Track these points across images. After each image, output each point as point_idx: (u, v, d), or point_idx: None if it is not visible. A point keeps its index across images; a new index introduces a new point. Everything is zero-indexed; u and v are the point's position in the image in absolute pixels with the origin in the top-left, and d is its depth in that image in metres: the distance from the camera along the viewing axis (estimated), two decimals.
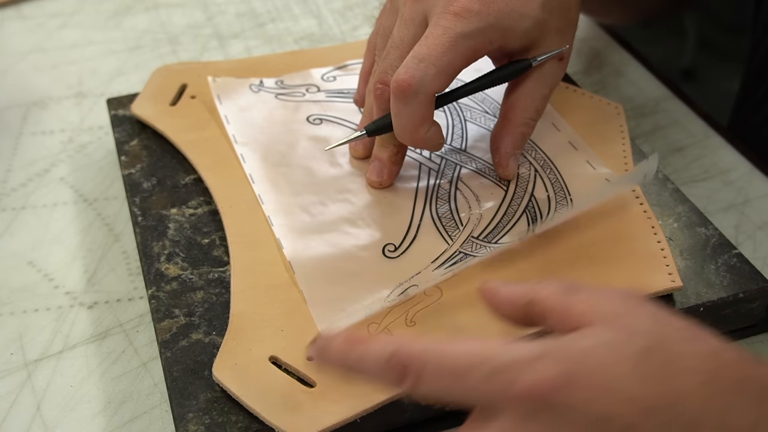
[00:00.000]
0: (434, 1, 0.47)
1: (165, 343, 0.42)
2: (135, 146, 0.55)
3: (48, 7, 0.77)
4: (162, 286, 0.45)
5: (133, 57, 0.70)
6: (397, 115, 0.46)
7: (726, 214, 0.54)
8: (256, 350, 0.41)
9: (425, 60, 0.45)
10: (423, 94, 0.45)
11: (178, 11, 0.76)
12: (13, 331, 0.47)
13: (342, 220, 0.48)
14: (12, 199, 0.56)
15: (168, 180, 0.52)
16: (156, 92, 0.58)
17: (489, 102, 0.58)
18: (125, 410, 0.43)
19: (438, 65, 0.45)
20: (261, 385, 0.40)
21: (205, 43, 0.72)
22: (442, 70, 0.45)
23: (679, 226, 0.49)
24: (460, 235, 0.47)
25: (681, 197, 0.51)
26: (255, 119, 0.56)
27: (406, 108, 0.46)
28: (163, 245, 0.48)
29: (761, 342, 0.47)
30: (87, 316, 0.48)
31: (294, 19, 0.75)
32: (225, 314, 0.44)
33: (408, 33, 0.48)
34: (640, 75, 0.67)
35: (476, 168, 0.52)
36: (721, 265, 0.46)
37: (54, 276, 0.51)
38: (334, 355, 0.34)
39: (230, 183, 0.51)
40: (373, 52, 0.53)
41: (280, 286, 0.45)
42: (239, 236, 0.48)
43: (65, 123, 0.63)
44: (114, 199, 0.56)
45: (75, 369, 0.45)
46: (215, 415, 0.39)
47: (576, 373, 0.29)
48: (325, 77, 0.60)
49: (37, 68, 0.69)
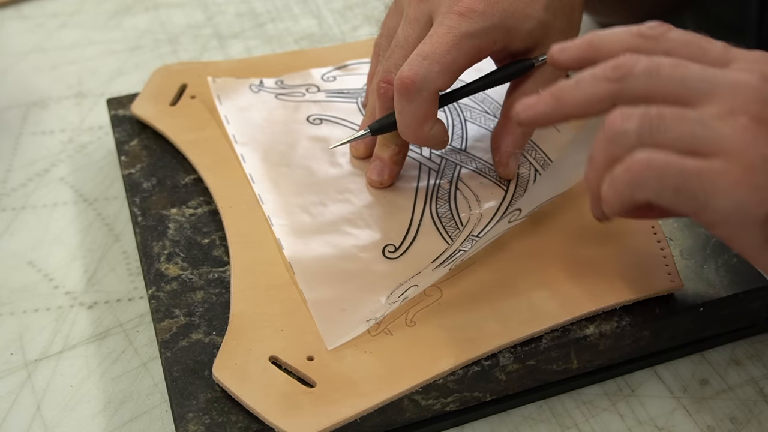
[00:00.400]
0: (439, 2, 0.47)
1: (165, 343, 0.42)
2: (135, 146, 0.55)
3: (48, 7, 0.77)
4: (162, 286, 0.45)
5: (133, 57, 0.70)
6: (401, 112, 0.46)
7: None
8: (256, 350, 0.41)
9: (429, 57, 0.45)
10: (426, 91, 0.45)
11: (178, 11, 0.76)
12: (13, 331, 0.47)
13: (342, 220, 0.48)
14: (12, 199, 0.56)
15: (168, 180, 0.52)
16: (156, 92, 0.58)
17: (489, 102, 0.58)
18: (125, 410, 0.43)
19: (442, 63, 0.45)
20: (261, 385, 0.40)
21: (205, 43, 0.72)
22: (446, 67, 0.45)
23: (679, 226, 0.49)
24: (460, 235, 0.47)
25: None
26: (255, 119, 0.56)
27: (409, 105, 0.46)
28: (163, 245, 0.48)
29: (761, 342, 0.47)
30: (87, 316, 0.48)
31: (294, 19, 0.75)
32: (225, 314, 0.44)
33: (412, 33, 0.48)
34: None
35: (476, 168, 0.52)
36: (721, 265, 0.46)
37: (54, 276, 0.51)
38: (543, 100, 0.37)
39: (230, 183, 0.51)
40: (379, 54, 0.53)
41: (280, 286, 0.45)
42: (239, 236, 0.48)
43: (65, 123, 0.63)
44: (114, 199, 0.56)
45: (75, 369, 0.45)
46: (215, 415, 0.39)
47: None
48: (325, 77, 0.60)
49: (37, 68, 0.69)
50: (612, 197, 0.35)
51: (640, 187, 0.34)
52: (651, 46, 0.36)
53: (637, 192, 0.34)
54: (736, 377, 0.45)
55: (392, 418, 0.40)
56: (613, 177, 0.35)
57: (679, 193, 0.33)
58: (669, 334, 0.44)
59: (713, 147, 0.33)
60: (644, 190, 0.34)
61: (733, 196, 0.32)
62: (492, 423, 0.43)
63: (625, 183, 0.34)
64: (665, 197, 0.33)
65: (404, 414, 0.40)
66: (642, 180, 0.33)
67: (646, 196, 0.34)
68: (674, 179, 0.33)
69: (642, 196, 0.34)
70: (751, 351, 0.46)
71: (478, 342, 0.42)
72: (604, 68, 0.36)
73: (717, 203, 0.33)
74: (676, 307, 0.44)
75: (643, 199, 0.34)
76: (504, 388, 0.42)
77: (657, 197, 0.34)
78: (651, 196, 0.34)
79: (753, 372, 0.45)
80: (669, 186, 0.33)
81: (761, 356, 0.46)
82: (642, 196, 0.34)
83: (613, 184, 0.35)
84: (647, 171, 0.33)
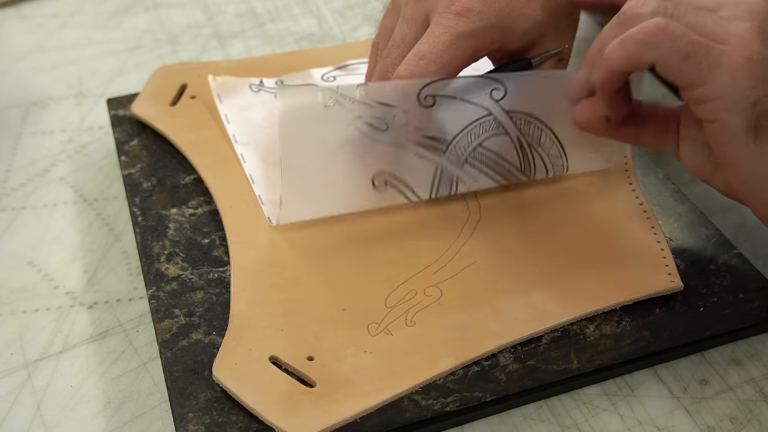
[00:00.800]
0: (436, 1, 0.47)
1: (165, 343, 0.43)
2: (135, 146, 0.55)
3: (48, 7, 0.77)
4: (162, 286, 0.45)
5: (133, 57, 0.70)
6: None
7: (726, 214, 0.54)
8: (256, 350, 0.41)
9: (426, 57, 0.45)
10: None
11: (178, 11, 0.76)
12: (13, 331, 0.47)
13: None
14: (12, 199, 0.56)
15: (168, 180, 0.52)
16: (156, 92, 0.58)
17: None
18: (125, 410, 0.43)
19: (438, 63, 0.45)
20: (261, 385, 0.40)
21: (205, 43, 0.72)
22: (442, 67, 0.45)
23: (679, 226, 0.49)
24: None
25: (681, 197, 0.51)
26: (255, 119, 0.56)
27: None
28: (163, 245, 0.48)
29: (761, 342, 0.47)
30: (87, 316, 0.48)
31: (294, 19, 0.75)
32: (225, 314, 0.44)
33: (410, 32, 0.48)
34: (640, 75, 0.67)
35: None
36: (721, 265, 0.46)
37: (54, 276, 0.51)
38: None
39: (230, 183, 0.51)
40: (377, 53, 0.53)
41: (280, 286, 0.45)
42: (239, 236, 0.48)
43: (65, 123, 0.63)
44: (114, 199, 0.56)
45: (75, 369, 0.45)
46: (215, 415, 0.39)
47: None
48: (325, 77, 0.60)
49: (37, 68, 0.69)
50: (617, 54, 0.39)
51: (652, 46, 0.38)
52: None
53: (647, 51, 0.38)
54: (736, 377, 0.45)
55: (392, 418, 0.40)
56: (626, 36, 0.39)
57: (687, 60, 0.37)
58: (669, 334, 0.44)
59: (722, 37, 0.37)
60: (656, 50, 0.38)
61: (732, 75, 0.37)
62: (492, 423, 0.43)
63: (638, 41, 0.38)
64: (672, 62, 0.38)
65: (404, 414, 0.40)
66: (656, 41, 0.37)
67: (656, 57, 0.38)
68: (686, 47, 0.37)
69: (651, 56, 0.38)
70: (751, 351, 0.46)
71: (478, 342, 0.42)
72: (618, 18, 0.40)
73: (716, 77, 0.37)
74: (676, 307, 0.44)
75: (648, 61, 0.38)
76: (504, 388, 0.42)
77: (664, 60, 0.38)
78: (660, 57, 0.38)
79: (753, 372, 0.45)
80: (680, 51, 0.37)
81: (761, 356, 0.46)
82: (651, 56, 0.38)
83: (624, 43, 0.39)
84: (663, 34, 0.37)
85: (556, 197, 0.50)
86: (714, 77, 0.37)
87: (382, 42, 0.51)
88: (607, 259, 0.46)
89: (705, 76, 0.37)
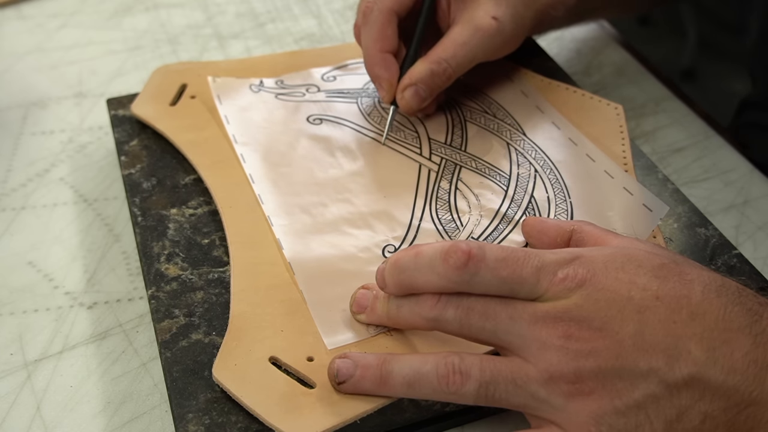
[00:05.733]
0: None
1: (165, 343, 0.42)
2: (135, 146, 0.55)
3: (48, 7, 0.77)
4: (162, 286, 0.45)
5: (133, 57, 0.70)
6: (362, 37, 0.53)
7: (726, 215, 0.54)
8: (256, 351, 0.41)
9: None
10: (378, 11, 0.52)
11: (178, 11, 0.76)
12: (13, 331, 0.47)
13: (342, 220, 0.48)
14: (12, 199, 0.56)
15: (168, 180, 0.52)
16: (156, 92, 0.58)
17: (489, 102, 0.58)
18: (125, 410, 0.43)
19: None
20: (261, 385, 0.40)
21: (205, 43, 0.72)
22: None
23: (679, 226, 0.49)
24: (459, 236, 0.47)
25: (681, 197, 0.51)
26: (255, 119, 0.56)
27: (366, 27, 0.53)
28: (163, 245, 0.48)
29: None
30: (87, 316, 0.48)
31: (294, 19, 0.75)
32: (225, 314, 0.44)
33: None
34: (640, 75, 0.67)
35: (476, 168, 0.52)
36: (721, 266, 0.46)
37: (54, 276, 0.51)
38: (389, 268, 0.40)
39: (230, 183, 0.51)
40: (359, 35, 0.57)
41: (280, 286, 0.45)
42: (239, 236, 0.48)
43: (65, 123, 0.63)
44: (114, 199, 0.56)
45: (75, 369, 0.45)
46: (215, 416, 0.39)
47: (600, 272, 0.36)
48: (325, 77, 0.60)
49: (37, 68, 0.69)
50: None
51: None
52: (462, 285, 0.38)
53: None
54: None
55: (392, 418, 0.40)
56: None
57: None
58: None
59: (549, 416, 0.36)
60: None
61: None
62: (492, 423, 0.43)
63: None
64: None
65: (404, 414, 0.40)
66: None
67: None
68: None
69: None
70: None
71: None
72: (422, 306, 0.39)
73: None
74: None
75: None
76: None
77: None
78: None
79: None
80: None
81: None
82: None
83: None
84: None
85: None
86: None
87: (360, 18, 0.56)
88: None
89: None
